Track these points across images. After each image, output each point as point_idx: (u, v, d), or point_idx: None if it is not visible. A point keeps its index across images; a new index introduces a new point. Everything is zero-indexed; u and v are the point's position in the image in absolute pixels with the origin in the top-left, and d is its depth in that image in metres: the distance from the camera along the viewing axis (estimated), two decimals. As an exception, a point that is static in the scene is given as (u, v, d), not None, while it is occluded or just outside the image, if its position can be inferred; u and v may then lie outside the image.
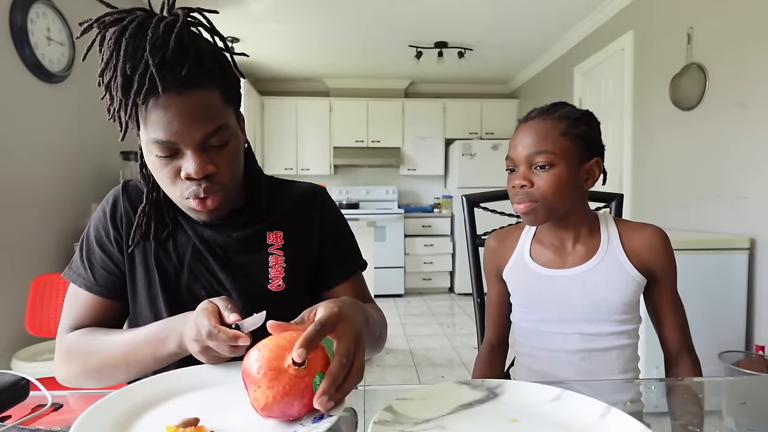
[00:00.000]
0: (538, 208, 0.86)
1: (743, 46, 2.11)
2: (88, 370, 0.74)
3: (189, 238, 0.79)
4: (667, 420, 0.60)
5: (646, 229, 0.91)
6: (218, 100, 0.68)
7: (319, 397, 0.47)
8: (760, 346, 1.97)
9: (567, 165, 0.85)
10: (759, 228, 2.04)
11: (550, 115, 0.87)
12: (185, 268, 0.78)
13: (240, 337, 0.56)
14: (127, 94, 0.63)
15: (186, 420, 0.48)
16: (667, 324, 0.91)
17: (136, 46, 0.63)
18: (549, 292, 0.92)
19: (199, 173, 0.65)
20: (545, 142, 0.85)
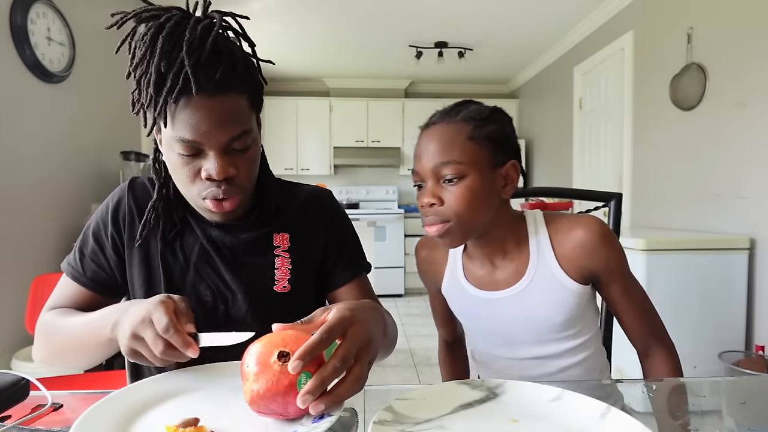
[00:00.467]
0: (453, 229, 0.75)
1: (743, 46, 2.11)
2: (52, 353, 0.75)
3: (197, 237, 0.79)
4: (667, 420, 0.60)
5: (577, 229, 0.78)
6: (245, 105, 0.69)
7: (302, 396, 0.45)
8: (760, 346, 1.97)
9: (479, 174, 0.74)
10: (759, 228, 2.04)
11: (453, 118, 0.76)
12: (191, 267, 0.78)
13: (191, 347, 0.53)
14: (159, 91, 0.64)
15: (186, 420, 0.48)
16: (626, 319, 0.81)
17: (173, 44, 0.63)
18: (489, 316, 0.83)
19: (220, 175, 0.66)
20: (450, 150, 0.73)
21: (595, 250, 0.77)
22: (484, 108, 0.78)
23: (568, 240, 0.78)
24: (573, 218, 0.80)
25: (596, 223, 0.78)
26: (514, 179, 0.78)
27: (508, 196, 0.79)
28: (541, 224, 0.81)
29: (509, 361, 0.84)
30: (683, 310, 2.03)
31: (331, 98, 5.12)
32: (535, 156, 4.83)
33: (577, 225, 0.78)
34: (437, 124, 0.78)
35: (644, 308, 0.81)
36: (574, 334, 0.81)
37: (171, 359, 0.55)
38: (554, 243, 0.79)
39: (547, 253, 0.79)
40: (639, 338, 0.81)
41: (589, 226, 0.77)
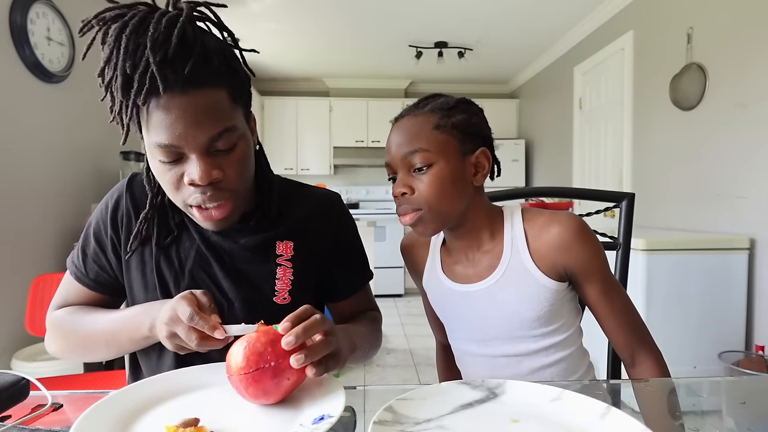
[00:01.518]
0: (425, 217, 0.76)
1: (743, 46, 2.11)
2: (73, 347, 0.76)
3: (193, 242, 0.76)
4: (667, 420, 0.60)
5: (553, 224, 0.77)
6: (225, 100, 0.63)
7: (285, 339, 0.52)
8: (760, 346, 1.97)
9: (447, 161, 0.75)
10: (759, 228, 2.04)
11: (421, 110, 0.78)
12: (186, 274, 0.75)
13: (217, 329, 0.56)
14: (128, 94, 0.60)
15: (186, 420, 0.48)
16: (607, 322, 0.78)
17: (137, 43, 0.59)
18: (465, 310, 0.83)
19: (203, 179, 0.62)
20: (417, 139, 0.75)
21: (570, 247, 0.75)
22: (450, 99, 0.79)
23: (543, 235, 0.77)
24: (550, 214, 0.80)
25: (572, 219, 0.77)
26: (485, 166, 0.79)
27: (479, 183, 0.79)
28: (517, 218, 0.81)
29: (483, 359, 0.83)
30: (683, 310, 2.03)
31: (331, 98, 5.12)
32: (535, 156, 4.83)
33: (553, 221, 0.78)
34: (405, 116, 0.79)
35: (626, 311, 0.79)
36: (547, 332, 0.79)
37: (208, 347, 0.58)
38: (529, 237, 0.79)
39: (521, 247, 0.78)
40: (623, 345, 0.78)
41: (565, 221, 0.77)
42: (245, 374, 0.52)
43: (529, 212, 0.82)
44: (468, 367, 0.89)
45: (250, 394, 0.53)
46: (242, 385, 0.52)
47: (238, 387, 0.53)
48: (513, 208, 0.83)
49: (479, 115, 0.80)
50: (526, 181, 4.97)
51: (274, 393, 0.53)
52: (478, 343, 0.83)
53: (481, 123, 0.80)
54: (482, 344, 0.83)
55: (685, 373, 2.03)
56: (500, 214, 0.83)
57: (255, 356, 0.52)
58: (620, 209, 1.05)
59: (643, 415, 0.62)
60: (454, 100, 0.79)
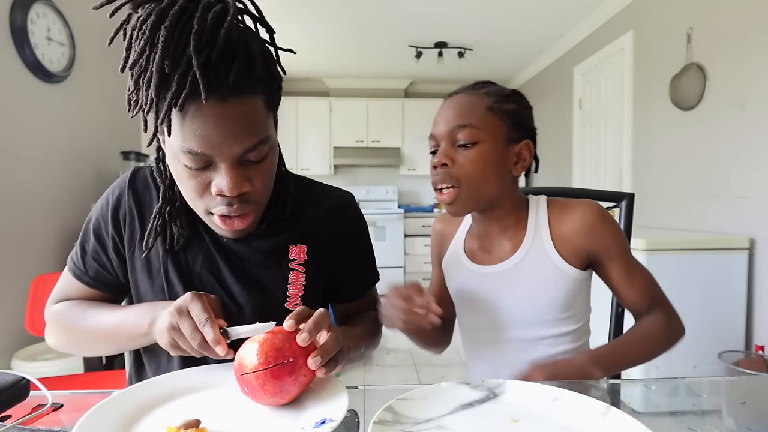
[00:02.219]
0: (462, 194, 0.76)
1: (743, 46, 2.11)
2: (73, 341, 0.75)
3: (202, 244, 0.73)
4: (667, 420, 0.60)
5: (576, 209, 0.79)
6: (262, 108, 0.59)
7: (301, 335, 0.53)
8: (760, 346, 1.97)
9: (493, 143, 0.76)
10: (759, 228, 2.04)
11: (477, 90, 0.79)
12: (194, 277, 0.72)
13: (220, 344, 0.54)
14: (163, 95, 0.54)
15: (187, 421, 0.48)
16: (628, 296, 0.80)
17: (177, 38, 0.53)
18: (480, 292, 0.84)
19: (233, 191, 0.58)
20: (469, 115, 0.76)
21: (594, 230, 0.77)
22: (505, 89, 0.81)
23: (566, 219, 0.79)
24: (571, 201, 0.82)
25: (593, 204, 0.79)
26: (526, 159, 0.80)
27: (518, 173, 0.80)
28: (542, 206, 0.82)
29: (489, 343, 0.84)
30: (683, 310, 2.01)
31: (331, 98, 5.12)
32: (535, 156, 4.82)
33: (576, 205, 0.79)
34: (460, 93, 0.81)
35: (647, 285, 0.80)
36: (558, 319, 0.79)
37: (206, 353, 0.57)
38: (552, 223, 0.80)
39: (543, 232, 0.80)
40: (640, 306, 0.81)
41: (587, 206, 0.79)
42: (264, 370, 0.51)
43: (553, 200, 0.84)
44: (473, 351, 0.89)
45: (266, 391, 0.52)
46: (258, 383, 0.51)
47: (251, 385, 0.52)
48: (539, 198, 0.85)
49: (529, 110, 0.82)
50: (525, 181, 4.97)
51: (290, 390, 0.53)
52: (487, 327, 0.83)
53: (530, 117, 0.82)
54: (492, 328, 0.83)
55: (685, 373, 2.03)
56: (526, 204, 0.84)
57: (274, 352, 0.52)
58: (620, 209, 1.06)
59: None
60: (509, 90, 0.81)
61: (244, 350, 0.54)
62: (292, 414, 0.53)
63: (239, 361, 0.54)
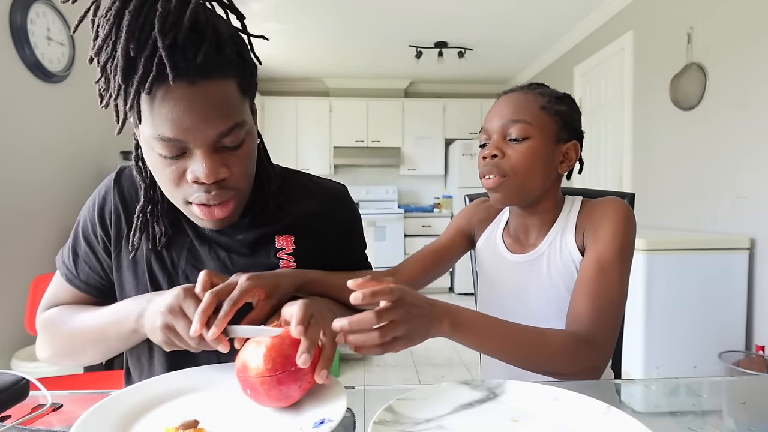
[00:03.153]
0: (507, 183, 0.79)
1: (743, 46, 2.11)
2: (62, 350, 0.71)
3: (185, 240, 0.72)
4: (667, 420, 0.60)
5: (603, 202, 0.81)
6: (235, 92, 0.58)
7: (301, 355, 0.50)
8: (760, 346, 1.97)
9: (543, 140, 0.79)
10: (759, 228, 2.04)
11: (532, 90, 0.83)
12: (180, 274, 0.71)
13: (222, 343, 0.53)
14: (129, 80, 0.54)
15: (186, 422, 0.48)
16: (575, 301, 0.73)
17: (143, 22, 0.53)
18: (510, 279, 0.87)
19: (210, 177, 0.57)
20: (523, 112, 0.79)
21: (598, 217, 0.78)
22: (558, 91, 0.85)
23: (590, 210, 0.81)
24: (607, 197, 0.83)
25: (620, 201, 0.80)
26: (572, 159, 0.83)
27: (563, 172, 0.84)
28: (576, 204, 0.85)
29: None
30: (683, 310, 2.03)
31: (331, 98, 5.12)
32: (535, 156, 4.82)
33: (606, 200, 0.81)
34: (515, 91, 0.84)
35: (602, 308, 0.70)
36: None
37: (204, 348, 0.55)
38: (579, 218, 0.82)
39: (570, 225, 0.82)
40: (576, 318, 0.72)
41: (612, 201, 0.80)
42: (270, 377, 0.50)
43: (588, 200, 0.86)
44: None
45: (271, 396, 0.51)
46: (264, 388, 0.51)
47: (255, 389, 0.52)
48: (575, 197, 0.88)
49: (579, 114, 0.86)
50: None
51: (294, 396, 0.52)
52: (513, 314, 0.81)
53: (579, 121, 0.85)
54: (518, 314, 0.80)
55: (685, 373, 2.03)
56: (563, 203, 0.87)
57: (282, 359, 0.51)
58: None
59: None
60: (562, 93, 0.85)
61: (248, 352, 0.53)
62: (291, 414, 0.53)
63: (243, 362, 0.53)
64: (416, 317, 0.57)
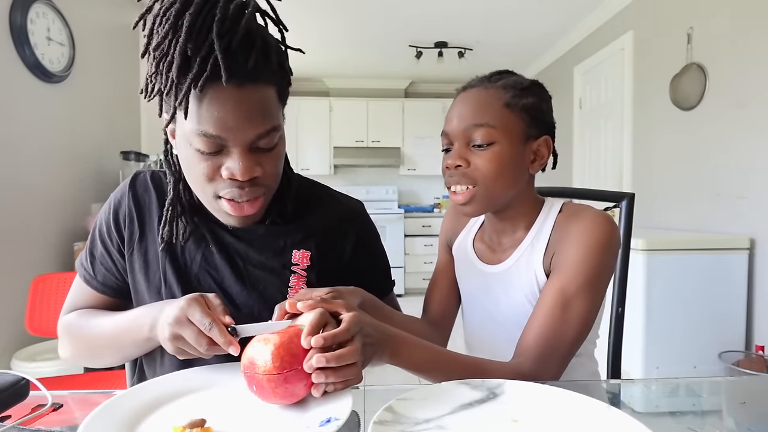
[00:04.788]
0: (478, 194, 0.73)
1: (743, 46, 2.11)
2: (81, 352, 0.75)
3: (201, 244, 0.73)
4: (667, 420, 0.60)
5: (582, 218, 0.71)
6: (274, 99, 0.63)
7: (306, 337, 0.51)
8: (760, 346, 1.97)
9: (510, 143, 0.72)
10: (758, 228, 2.04)
11: (493, 84, 0.74)
12: (192, 278, 0.72)
13: (233, 344, 0.54)
14: (183, 77, 0.57)
15: (193, 421, 0.48)
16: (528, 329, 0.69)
17: (201, 25, 0.56)
18: (481, 290, 0.82)
19: (245, 175, 0.60)
20: (485, 113, 0.71)
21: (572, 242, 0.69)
22: (524, 79, 0.75)
23: (566, 224, 0.72)
24: (585, 209, 0.74)
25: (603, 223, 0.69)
26: (544, 156, 0.76)
27: (535, 171, 0.77)
28: (554, 211, 0.77)
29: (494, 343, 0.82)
30: (683, 310, 2.03)
31: (331, 98, 5.12)
32: (535, 156, 4.82)
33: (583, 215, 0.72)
34: (474, 87, 0.75)
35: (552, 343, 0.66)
36: None
37: (215, 353, 0.56)
38: (554, 230, 0.75)
39: (542, 238, 0.75)
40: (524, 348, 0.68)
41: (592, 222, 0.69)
42: (278, 375, 0.51)
43: (569, 205, 0.77)
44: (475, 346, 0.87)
45: (277, 394, 0.51)
46: (270, 386, 0.51)
47: (262, 386, 0.52)
48: (554, 201, 0.80)
49: (548, 103, 0.77)
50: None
51: (300, 394, 0.53)
52: (486, 323, 0.82)
53: (549, 110, 0.77)
54: (492, 326, 0.81)
55: (685, 373, 2.03)
56: (541, 206, 0.80)
57: (290, 357, 0.51)
58: (620, 209, 1.06)
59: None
60: (528, 81, 0.76)
61: (256, 349, 0.53)
62: (297, 413, 0.53)
63: (250, 359, 0.53)
64: (369, 345, 0.56)
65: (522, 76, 0.76)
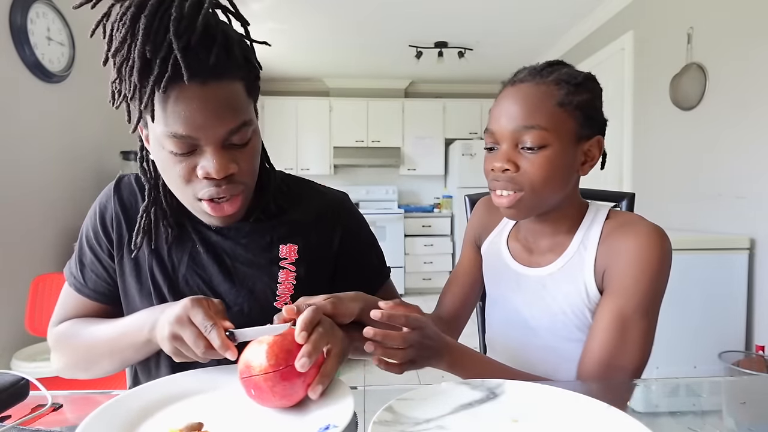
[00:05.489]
0: (525, 200, 0.69)
1: (743, 45, 2.11)
2: (77, 362, 0.74)
3: (187, 245, 0.73)
4: (667, 420, 0.60)
5: (635, 231, 0.68)
6: (242, 93, 0.62)
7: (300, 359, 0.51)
8: (760, 346, 1.96)
9: (562, 145, 0.68)
10: (759, 228, 2.04)
11: (544, 79, 0.69)
12: (180, 280, 0.72)
13: (230, 349, 0.54)
14: (145, 80, 0.56)
15: (190, 425, 0.48)
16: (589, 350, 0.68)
17: (158, 25, 0.55)
18: (514, 291, 0.79)
19: (220, 173, 0.59)
20: (537, 114, 0.67)
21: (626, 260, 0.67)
22: (578, 73, 0.71)
23: (616, 235, 0.70)
24: (636, 219, 0.72)
25: (657, 238, 0.68)
26: (595, 156, 0.72)
27: (585, 173, 0.73)
28: (601, 215, 0.74)
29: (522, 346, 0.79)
30: (683, 310, 2.03)
31: (331, 98, 5.12)
32: (535, 156, 4.82)
33: (635, 227, 0.69)
34: (525, 82, 0.69)
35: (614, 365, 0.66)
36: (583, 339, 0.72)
37: (212, 357, 0.56)
38: (604, 235, 0.71)
39: (590, 247, 0.72)
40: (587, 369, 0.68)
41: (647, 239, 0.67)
42: (274, 372, 0.51)
43: (616, 214, 0.74)
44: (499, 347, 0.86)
45: (275, 393, 0.51)
46: (267, 385, 0.51)
47: (259, 387, 0.52)
48: (600, 206, 0.77)
49: (601, 98, 0.73)
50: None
51: (298, 392, 0.53)
52: (515, 326, 0.79)
53: (601, 106, 0.73)
54: (520, 328, 0.78)
55: (685, 373, 2.03)
56: (585, 209, 0.77)
57: (284, 354, 0.52)
58: (620, 209, 1.06)
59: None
60: (582, 75, 0.71)
61: (250, 352, 0.53)
62: (296, 418, 0.53)
63: (245, 363, 0.53)
64: (427, 348, 0.60)
65: (574, 69, 0.72)
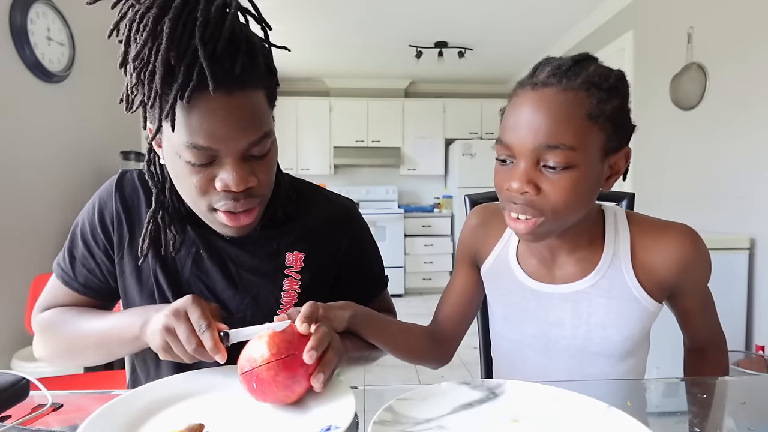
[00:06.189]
0: (545, 225, 0.62)
1: (744, 45, 2.11)
2: (61, 351, 0.72)
3: (191, 250, 0.71)
4: (667, 420, 0.60)
5: (670, 236, 0.67)
6: (264, 103, 0.60)
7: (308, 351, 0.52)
8: (760, 346, 1.96)
9: (588, 164, 0.59)
10: (759, 228, 2.04)
11: (572, 82, 0.59)
12: (183, 284, 0.71)
13: (220, 353, 0.53)
14: (168, 88, 0.53)
15: (191, 426, 0.48)
16: (693, 326, 0.79)
17: (182, 30, 0.53)
18: (533, 311, 0.73)
19: (240, 186, 0.57)
20: (564, 131, 0.57)
21: (689, 266, 0.69)
22: (608, 72, 0.62)
23: (656, 247, 0.67)
24: (662, 223, 0.70)
25: (689, 232, 0.69)
26: (621, 169, 0.66)
27: (609, 188, 0.66)
28: (622, 223, 0.70)
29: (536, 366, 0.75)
30: (683, 310, 2.03)
31: (331, 98, 5.12)
32: (535, 156, 4.82)
33: (668, 232, 0.68)
34: (548, 87, 0.59)
35: (711, 314, 0.79)
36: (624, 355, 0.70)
37: (200, 358, 0.55)
38: (635, 248, 0.68)
39: (623, 258, 0.68)
40: (697, 342, 0.81)
41: (682, 235, 0.68)
42: (276, 361, 0.51)
43: (637, 219, 0.71)
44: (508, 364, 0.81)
45: (278, 384, 0.51)
46: (270, 374, 0.51)
47: (261, 380, 0.51)
48: (616, 210, 0.73)
49: (629, 100, 0.64)
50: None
51: (301, 383, 0.53)
52: (538, 351, 0.74)
53: (629, 111, 0.65)
54: (544, 352, 0.74)
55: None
56: (602, 216, 0.72)
57: (285, 344, 0.52)
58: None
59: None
60: (613, 76, 0.62)
61: (251, 347, 0.53)
62: (297, 418, 0.53)
63: (246, 357, 0.53)
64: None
65: (603, 66, 0.64)
